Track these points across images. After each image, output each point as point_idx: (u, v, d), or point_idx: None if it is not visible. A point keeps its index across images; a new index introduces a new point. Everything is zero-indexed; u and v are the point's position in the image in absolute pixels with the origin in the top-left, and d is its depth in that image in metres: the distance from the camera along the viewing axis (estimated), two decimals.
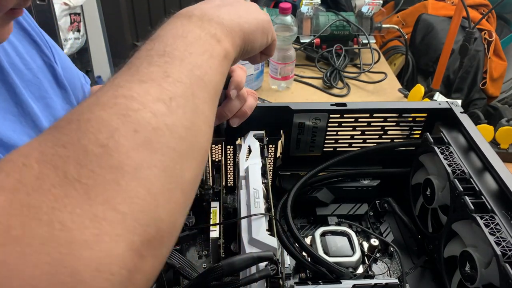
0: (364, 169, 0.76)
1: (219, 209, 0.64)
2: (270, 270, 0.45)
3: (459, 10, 1.22)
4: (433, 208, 0.67)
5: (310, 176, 0.71)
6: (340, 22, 1.40)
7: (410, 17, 1.75)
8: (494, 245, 0.49)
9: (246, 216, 0.54)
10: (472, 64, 1.59)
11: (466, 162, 0.62)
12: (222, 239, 0.62)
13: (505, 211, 0.54)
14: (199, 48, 0.36)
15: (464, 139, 0.66)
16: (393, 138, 0.74)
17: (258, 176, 0.60)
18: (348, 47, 1.44)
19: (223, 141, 0.71)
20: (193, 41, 0.37)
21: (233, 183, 0.79)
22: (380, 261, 0.69)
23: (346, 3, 1.53)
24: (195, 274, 0.47)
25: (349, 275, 0.59)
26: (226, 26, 0.41)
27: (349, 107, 0.69)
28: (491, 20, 1.71)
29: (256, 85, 1.31)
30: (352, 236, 0.65)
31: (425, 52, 1.63)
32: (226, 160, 0.74)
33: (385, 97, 1.31)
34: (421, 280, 0.68)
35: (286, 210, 0.66)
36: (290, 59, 1.26)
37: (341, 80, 1.37)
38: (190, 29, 0.38)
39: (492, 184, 0.58)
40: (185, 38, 0.37)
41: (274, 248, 0.50)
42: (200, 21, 0.39)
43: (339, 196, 0.76)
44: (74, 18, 1.97)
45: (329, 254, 0.62)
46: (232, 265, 0.44)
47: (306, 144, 0.74)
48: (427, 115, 0.72)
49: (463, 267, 0.56)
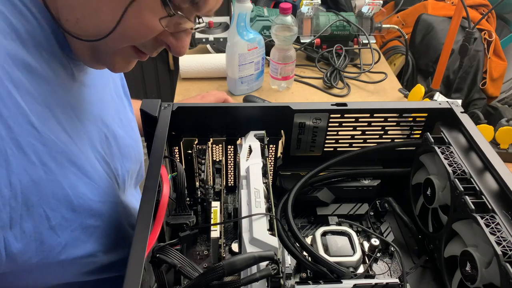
0: (364, 169, 0.76)
1: (219, 209, 0.64)
2: (271, 270, 0.45)
3: (459, 10, 1.22)
4: (433, 208, 0.67)
5: (310, 176, 0.71)
6: (340, 22, 1.41)
7: (410, 17, 1.75)
8: (494, 244, 0.49)
9: (247, 216, 0.54)
10: (472, 64, 1.59)
11: (467, 162, 0.62)
12: (223, 239, 0.62)
13: (505, 211, 0.54)
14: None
15: (464, 139, 0.66)
16: (394, 138, 0.74)
17: (259, 176, 0.60)
18: (348, 47, 1.44)
19: (223, 141, 0.71)
20: None
21: (233, 183, 0.79)
22: (381, 261, 0.69)
23: (346, 3, 1.54)
24: (196, 274, 0.47)
25: (349, 275, 0.59)
26: None
27: (349, 107, 0.69)
28: (491, 20, 1.71)
29: (256, 85, 1.31)
30: (352, 236, 0.65)
31: (425, 52, 1.63)
32: (226, 160, 0.74)
33: (385, 97, 1.32)
34: (421, 280, 0.68)
35: (287, 210, 0.66)
36: (290, 59, 1.26)
37: (341, 80, 1.37)
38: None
39: (493, 184, 0.59)
40: None
41: (275, 247, 0.50)
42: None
43: (339, 196, 0.76)
44: None
45: (329, 254, 0.62)
46: (233, 264, 0.44)
47: (306, 144, 0.74)
48: (427, 115, 0.72)
49: (463, 266, 0.56)
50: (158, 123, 0.61)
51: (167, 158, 0.61)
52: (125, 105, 0.71)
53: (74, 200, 0.51)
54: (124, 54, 0.52)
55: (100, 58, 0.53)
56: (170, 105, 0.64)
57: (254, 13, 1.41)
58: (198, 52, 1.50)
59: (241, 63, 1.22)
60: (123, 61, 0.54)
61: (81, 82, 0.56)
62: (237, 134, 0.70)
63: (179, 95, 1.32)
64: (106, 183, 0.57)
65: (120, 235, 0.61)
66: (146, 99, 0.64)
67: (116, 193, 0.61)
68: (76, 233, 0.52)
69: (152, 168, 0.52)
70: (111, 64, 0.54)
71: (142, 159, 0.75)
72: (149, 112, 0.62)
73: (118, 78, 0.71)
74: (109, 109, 0.63)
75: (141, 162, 0.75)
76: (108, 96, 0.65)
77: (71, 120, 0.52)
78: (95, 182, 0.54)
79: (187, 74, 1.36)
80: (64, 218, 0.50)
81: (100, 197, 0.55)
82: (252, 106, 0.71)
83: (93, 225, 0.55)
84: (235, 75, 1.24)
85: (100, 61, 0.53)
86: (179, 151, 0.70)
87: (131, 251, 0.42)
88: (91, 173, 0.54)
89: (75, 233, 0.52)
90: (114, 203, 0.59)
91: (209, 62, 1.35)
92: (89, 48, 0.51)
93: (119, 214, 0.61)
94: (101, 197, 0.55)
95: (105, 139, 0.60)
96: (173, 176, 0.63)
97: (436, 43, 1.59)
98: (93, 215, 0.54)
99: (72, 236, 0.52)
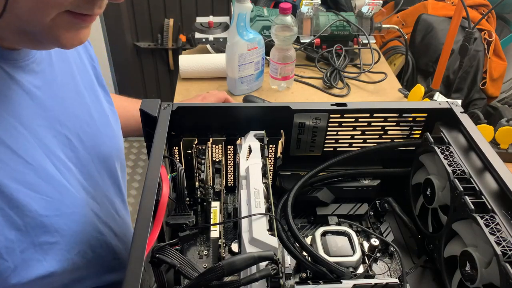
0: (364, 169, 0.76)
1: (219, 209, 0.64)
2: (270, 270, 0.45)
3: (459, 10, 1.22)
4: (433, 208, 0.67)
5: (310, 176, 0.71)
6: (340, 22, 1.41)
7: (410, 17, 1.75)
8: (494, 244, 0.49)
9: (247, 216, 0.54)
10: (472, 64, 1.59)
11: (466, 162, 0.62)
12: (222, 239, 0.62)
13: (505, 211, 0.54)
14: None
15: (464, 139, 0.66)
16: (393, 138, 0.74)
17: (259, 176, 0.60)
18: (348, 47, 1.44)
19: (223, 141, 0.71)
20: None
21: (233, 183, 0.79)
22: (381, 261, 0.69)
23: (346, 3, 1.53)
24: (196, 274, 0.47)
25: (349, 275, 0.59)
26: None
27: (349, 107, 0.69)
28: (491, 20, 1.71)
29: (256, 85, 1.31)
30: (352, 236, 0.65)
31: (425, 52, 1.63)
32: (226, 160, 0.74)
33: (385, 97, 1.32)
34: (421, 280, 0.68)
35: (287, 210, 0.66)
36: (290, 59, 1.26)
37: (341, 80, 1.37)
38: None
39: (492, 184, 0.59)
40: None
41: (274, 247, 0.50)
42: None
43: (339, 196, 0.76)
44: None
45: (329, 254, 0.62)
46: (232, 264, 0.44)
47: (306, 144, 0.74)
48: (427, 115, 0.72)
49: (463, 267, 0.56)
50: (158, 123, 0.61)
51: (166, 158, 0.61)
52: (99, 98, 0.66)
53: (18, 220, 0.47)
54: (63, 24, 0.45)
55: (38, 38, 0.46)
56: (169, 105, 0.64)
57: (254, 13, 1.41)
58: (198, 52, 1.50)
59: (241, 63, 1.22)
60: (68, 33, 0.47)
61: (22, 85, 0.51)
62: (237, 134, 0.70)
63: (179, 95, 1.32)
64: (66, 193, 0.54)
65: (89, 247, 0.57)
66: (145, 99, 0.64)
67: (82, 201, 0.57)
68: (27, 254, 0.49)
69: (151, 168, 0.52)
70: (55, 40, 0.47)
71: (121, 154, 0.71)
72: (149, 112, 0.62)
73: (88, 68, 0.66)
74: (72, 108, 0.59)
75: (120, 159, 0.70)
76: (71, 93, 0.60)
77: (13, 131, 0.49)
78: (47, 195, 0.51)
79: (187, 74, 1.36)
80: (9, 240, 0.47)
81: (54, 211, 0.51)
82: (252, 106, 0.71)
83: (49, 242, 0.51)
84: (235, 75, 1.24)
85: (43, 41, 0.47)
86: (178, 151, 0.70)
87: (131, 251, 0.42)
88: (41, 187, 0.50)
89: (26, 253, 0.49)
90: (77, 213, 0.55)
91: (209, 62, 1.35)
92: (14, 31, 0.45)
93: (85, 224, 0.57)
94: (56, 211, 0.52)
95: (68, 142, 0.56)
96: (172, 176, 0.63)
97: (436, 43, 1.59)
98: (46, 232, 0.50)
99: (22, 257, 0.48)
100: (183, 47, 2.42)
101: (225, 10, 2.33)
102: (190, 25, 2.30)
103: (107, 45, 2.44)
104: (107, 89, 0.70)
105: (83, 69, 0.65)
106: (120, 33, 2.42)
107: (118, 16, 2.37)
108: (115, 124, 0.69)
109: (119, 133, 0.71)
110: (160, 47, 2.50)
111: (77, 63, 0.63)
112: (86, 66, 0.66)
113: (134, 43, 2.52)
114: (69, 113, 0.58)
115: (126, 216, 0.73)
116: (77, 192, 0.56)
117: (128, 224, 0.74)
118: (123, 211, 0.72)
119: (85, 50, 0.67)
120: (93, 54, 0.69)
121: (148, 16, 2.44)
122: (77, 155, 0.58)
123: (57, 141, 0.55)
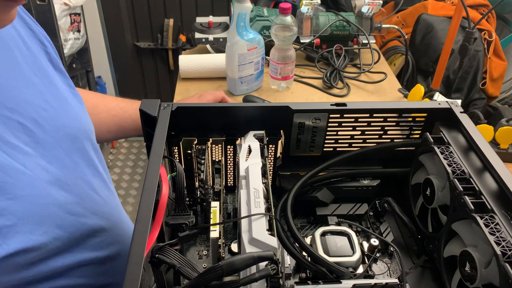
0: (364, 169, 0.76)
1: (219, 209, 0.64)
2: (270, 270, 0.45)
3: (459, 10, 1.22)
4: (433, 208, 0.67)
5: (310, 176, 0.71)
6: (340, 22, 1.41)
7: (410, 17, 1.75)
8: (494, 245, 0.49)
9: (247, 216, 0.54)
10: (472, 64, 1.59)
11: (466, 162, 0.62)
12: (222, 239, 0.62)
13: (505, 211, 0.54)
14: None
15: (464, 139, 0.66)
16: (393, 138, 0.74)
17: (258, 176, 0.60)
18: (348, 47, 1.44)
19: (223, 141, 0.71)
20: None
21: (233, 183, 0.79)
22: (380, 261, 0.69)
23: (346, 3, 1.53)
24: (195, 274, 0.47)
25: (349, 275, 0.59)
26: None
27: (349, 107, 0.69)
28: (491, 20, 1.71)
29: (256, 85, 1.31)
30: (352, 236, 0.65)
31: (425, 52, 1.63)
32: (226, 160, 0.74)
33: (385, 97, 1.32)
34: (421, 280, 0.68)
35: (286, 210, 0.66)
36: (290, 59, 1.26)
37: (341, 80, 1.37)
38: None
39: (492, 184, 0.59)
40: None
41: (274, 247, 0.50)
42: None
43: (339, 196, 0.76)
44: (74, 18, 1.97)
45: (329, 254, 0.62)
46: (232, 264, 0.44)
47: (306, 144, 0.74)
48: (427, 115, 0.72)
49: (463, 267, 0.56)
50: (158, 123, 0.61)
51: (166, 158, 0.61)
52: (54, 82, 0.65)
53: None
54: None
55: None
56: (169, 105, 0.64)
57: (254, 13, 1.41)
58: (198, 52, 1.50)
59: (240, 63, 1.22)
60: (1, 15, 0.44)
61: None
62: (237, 134, 0.70)
63: (179, 95, 1.32)
64: (19, 176, 0.53)
65: (57, 228, 0.57)
66: (145, 99, 0.64)
67: (41, 183, 0.56)
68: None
69: (151, 168, 0.52)
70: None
71: (91, 135, 0.70)
72: (148, 112, 0.62)
73: (37, 54, 0.65)
74: (23, 95, 0.58)
75: (90, 139, 0.69)
76: (17, 82, 0.59)
77: None
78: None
79: (187, 74, 1.36)
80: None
81: (5, 195, 0.51)
82: (251, 106, 0.71)
83: (6, 225, 0.50)
84: (235, 75, 1.24)
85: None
86: (178, 151, 0.70)
87: (131, 251, 0.42)
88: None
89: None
90: (36, 195, 0.55)
91: (209, 62, 1.36)
92: None
93: (48, 206, 0.56)
94: (8, 194, 0.51)
95: (21, 127, 0.56)
96: (172, 176, 0.63)
97: (436, 43, 1.59)
98: (1, 215, 0.50)
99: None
100: (183, 47, 2.42)
101: (225, 10, 2.34)
102: (190, 25, 2.31)
103: (107, 45, 2.45)
104: (65, 73, 0.69)
105: (30, 56, 0.63)
106: (120, 33, 2.43)
107: (118, 16, 2.37)
108: (77, 107, 0.68)
109: (84, 114, 0.69)
110: (160, 47, 2.50)
111: (22, 51, 0.61)
112: (34, 53, 0.64)
113: (134, 43, 2.52)
114: (19, 100, 0.57)
115: (110, 196, 0.72)
116: (35, 175, 0.56)
117: (113, 203, 0.73)
118: (105, 191, 0.70)
119: (34, 37, 0.66)
120: (45, 39, 0.68)
121: (148, 16, 2.44)
122: (36, 139, 0.58)
123: (7, 127, 0.55)
